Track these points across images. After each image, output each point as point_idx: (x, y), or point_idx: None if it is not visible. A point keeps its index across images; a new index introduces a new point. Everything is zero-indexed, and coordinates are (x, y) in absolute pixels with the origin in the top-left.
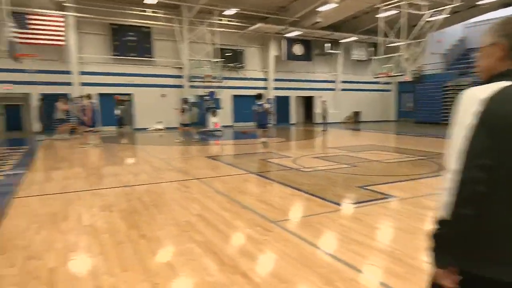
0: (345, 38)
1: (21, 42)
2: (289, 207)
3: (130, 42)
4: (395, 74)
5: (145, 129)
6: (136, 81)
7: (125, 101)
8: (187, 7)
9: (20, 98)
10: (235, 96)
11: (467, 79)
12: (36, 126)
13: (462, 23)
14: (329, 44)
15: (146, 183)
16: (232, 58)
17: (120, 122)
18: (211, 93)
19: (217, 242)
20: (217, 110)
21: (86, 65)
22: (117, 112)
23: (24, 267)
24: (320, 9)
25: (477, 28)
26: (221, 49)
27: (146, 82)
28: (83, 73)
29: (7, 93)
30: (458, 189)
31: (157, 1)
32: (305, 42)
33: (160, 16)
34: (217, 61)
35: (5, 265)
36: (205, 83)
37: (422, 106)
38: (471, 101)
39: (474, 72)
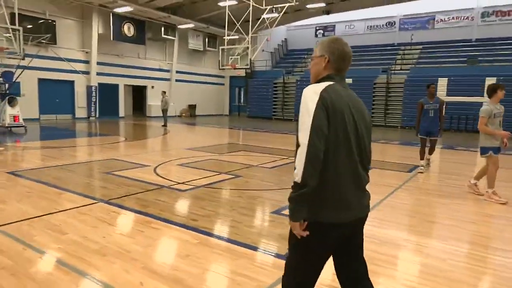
0: (182, 23)
1: None
2: None
3: None
4: (241, 67)
5: None
6: None
7: None
8: None
9: None
10: (42, 80)
11: (293, 77)
12: None
13: (285, 25)
14: (163, 29)
15: None
16: (38, 30)
17: None
18: (7, 74)
19: None
20: (16, 97)
21: None
22: None
23: None
24: None
25: (296, 32)
26: (22, 15)
27: None
28: None
29: None
30: (307, 155)
31: None
32: (138, 22)
33: None
34: (17, 30)
35: None
36: None
37: (253, 101)
38: (313, 94)
39: (297, 72)
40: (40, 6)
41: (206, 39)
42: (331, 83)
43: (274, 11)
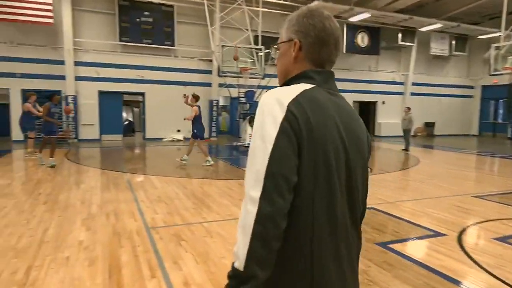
0: (425, 25)
1: None
2: None
3: (145, 25)
4: None
5: (160, 139)
6: (151, 77)
7: (135, 102)
8: None
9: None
10: None
11: None
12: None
13: None
14: (400, 35)
15: None
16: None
17: (129, 129)
18: (249, 94)
19: None
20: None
21: (84, 53)
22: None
23: None
24: None
25: None
26: (264, 36)
27: (164, 78)
28: (79, 63)
29: None
30: (256, 223)
31: None
32: (372, 30)
33: None
34: (259, 49)
35: None
36: (242, 79)
37: None
38: (275, 106)
39: None
40: (277, 26)
41: (453, 42)
42: (309, 86)
43: None
